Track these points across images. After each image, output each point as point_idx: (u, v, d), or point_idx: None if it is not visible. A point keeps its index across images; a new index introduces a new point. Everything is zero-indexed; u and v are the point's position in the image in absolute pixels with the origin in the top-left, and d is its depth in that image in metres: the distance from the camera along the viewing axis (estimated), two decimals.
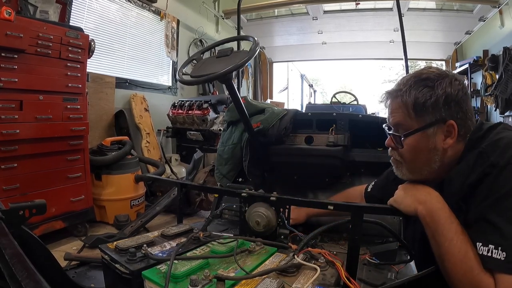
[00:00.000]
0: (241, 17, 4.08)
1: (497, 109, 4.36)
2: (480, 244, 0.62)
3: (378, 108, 6.09)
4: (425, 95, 0.73)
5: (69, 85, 2.14)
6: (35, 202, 0.79)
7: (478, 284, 0.60)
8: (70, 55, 2.13)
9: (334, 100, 5.25)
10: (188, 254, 0.81)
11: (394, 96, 0.79)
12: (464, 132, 0.75)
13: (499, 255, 0.59)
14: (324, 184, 1.55)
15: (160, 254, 0.80)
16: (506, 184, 0.62)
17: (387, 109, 0.82)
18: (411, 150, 0.77)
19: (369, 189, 1.17)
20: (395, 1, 2.83)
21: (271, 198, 0.98)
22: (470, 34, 5.25)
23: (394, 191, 0.82)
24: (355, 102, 5.32)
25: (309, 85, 10.12)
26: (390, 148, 0.84)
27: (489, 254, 0.60)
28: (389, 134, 0.82)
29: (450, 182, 0.74)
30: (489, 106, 4.83)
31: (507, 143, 0.66)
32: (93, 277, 1.02)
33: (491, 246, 0.60)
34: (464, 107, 0.74)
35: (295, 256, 0.76)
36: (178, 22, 4.32)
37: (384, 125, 0.85)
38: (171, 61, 4.25)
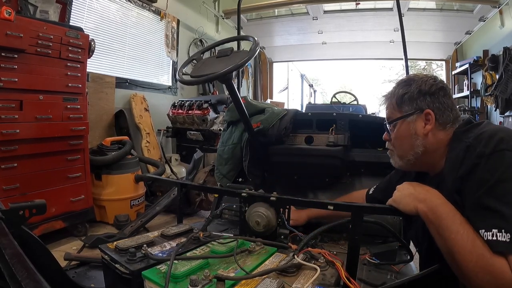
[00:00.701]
0: (241, 17, 4.07)
1: (497, 109, 4.36)
2: (483, 230, 0.63)
3: (378, 108, 6.09)
4: (404, 91, 0.91)
5: (69, 85, 2.14)
6: (35, 202, 0.79)
7: (492, 268, 0.61)
8: (70, 55, 2.13)
9: (334, 100, 5.24)
10: (188, 254, 0.82)
11: (387, 97, 0.97)
12: (443, 121, 0.85)
13: (504, 237, 0.60)
14: (324, 184, 1.55)
15: (160, 254, 0.80)
16: (496, 170, 0.66)
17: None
18: (397, 136, 0.92)
19: (370, 192, 1.20)
20: (395, 1, 2.82)
21: (271, 198, 0.98)
22: (470, 34, 5.25)
23: None
24: (355, 102, 5.31)
25: (309, 85, 10.11)
26: (387, 142, 0.97)
27: (494, 238, 0.61)
28: (385, 127, 0.97)
29: (444, 179, 0.78)
30: (489, 106, 4.83)
31: (489, 134, 0.72)
32: (93, 277, 1.02)
33: (495, 230, 0.62)
34: (441, 99, 0.86)
35: (295, 256, 0.76)
36: (178, 22, 4.32)
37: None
38: (171, 61, 4.25)
